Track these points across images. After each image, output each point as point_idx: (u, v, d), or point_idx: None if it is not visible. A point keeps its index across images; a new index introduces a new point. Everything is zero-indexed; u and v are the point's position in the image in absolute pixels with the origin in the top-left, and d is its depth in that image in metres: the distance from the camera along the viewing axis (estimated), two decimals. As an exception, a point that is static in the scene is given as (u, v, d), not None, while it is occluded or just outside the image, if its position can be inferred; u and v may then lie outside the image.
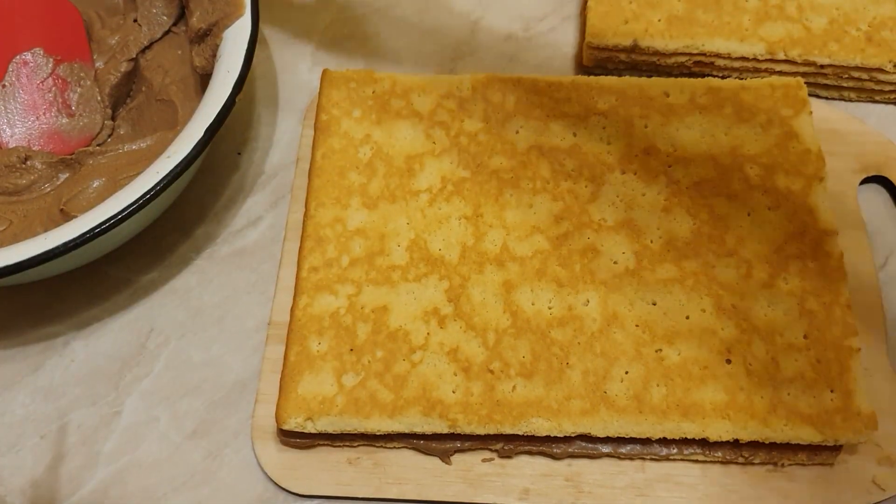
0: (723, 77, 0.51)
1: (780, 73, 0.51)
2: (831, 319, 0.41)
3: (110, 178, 0.48)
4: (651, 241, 0.44)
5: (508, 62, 0.55)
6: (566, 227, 0.44)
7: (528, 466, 0.41)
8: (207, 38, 0.47)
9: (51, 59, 0.49)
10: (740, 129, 0.47)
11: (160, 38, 0.51)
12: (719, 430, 0.39)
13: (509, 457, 0.41)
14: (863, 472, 0.41)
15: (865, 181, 0.49)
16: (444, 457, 0.41)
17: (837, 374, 0.40)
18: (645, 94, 0.48)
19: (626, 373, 0.40)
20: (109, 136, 0.50)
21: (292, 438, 0.41)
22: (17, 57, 0.49)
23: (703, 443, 0.40)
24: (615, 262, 0.43)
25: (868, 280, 0.46)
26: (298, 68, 0.55)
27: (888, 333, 0.44)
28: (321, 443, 0.42)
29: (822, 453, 0.40)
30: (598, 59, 0.53)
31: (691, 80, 0.49)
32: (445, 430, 0.40)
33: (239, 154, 0.52)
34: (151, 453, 0.43)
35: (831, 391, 0.40)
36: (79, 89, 0.49)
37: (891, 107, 0.53)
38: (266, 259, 0.48)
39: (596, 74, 0.50)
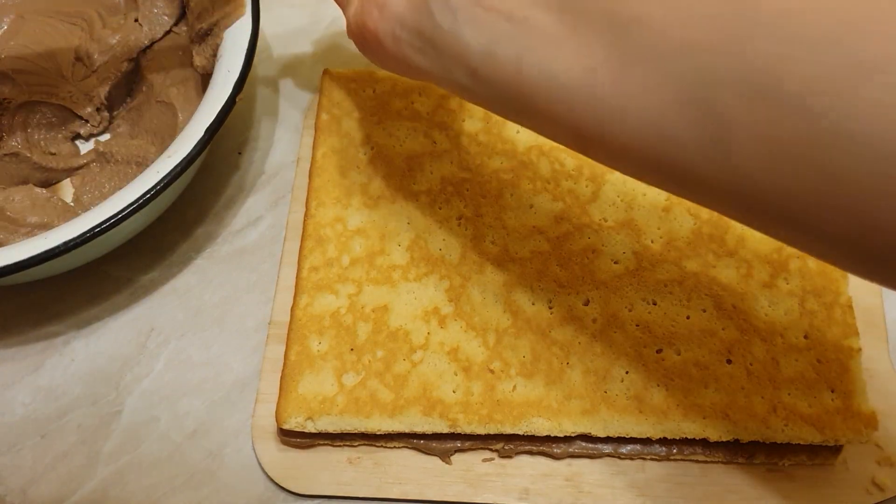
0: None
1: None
2: (832, 319, 0.41)
3: (110, 177, 0.48)
4: (651, 241, 0.44)
5: (509, 62, 0.55)
6: (566, 228, 0.44)
7: (528, 466, 0.41)
8: (208, 37, 0.47)
9: None
10: (740, 130, 0.47)
11: (161, 38, 0.51)
12: (720, 431, 0.39)
13: (509, 457, 0.41)
14: (863, 472, 0.41)
15: (866, 181, 0.49)
16: (445, 457, 0.41)
17: (838, 375, 0.40)
18: (645, 95, 0.48)
19: (627, 373, 0.40)
20: (108, 127, 0.50)
21: (292, 438, 0.41)
22: None
23: (704, 443, 0.40)
24: (615, 262, 0.43)
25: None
26: (299, 68, 0.55)
27: (888, 333, 0.44)
28: (321, 442, 0.42)
29: (822, 453, 0.40)
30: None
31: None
32: (446, 430, 0.40)
33: (239, 154, 0.52)
34: (151, 453, 0.43)
35: (832, 391, 0.40)
36: None
37: (891, 107, 0.53)
38: (266, 259, 0.48)
39: (596, 74, 0.50)
